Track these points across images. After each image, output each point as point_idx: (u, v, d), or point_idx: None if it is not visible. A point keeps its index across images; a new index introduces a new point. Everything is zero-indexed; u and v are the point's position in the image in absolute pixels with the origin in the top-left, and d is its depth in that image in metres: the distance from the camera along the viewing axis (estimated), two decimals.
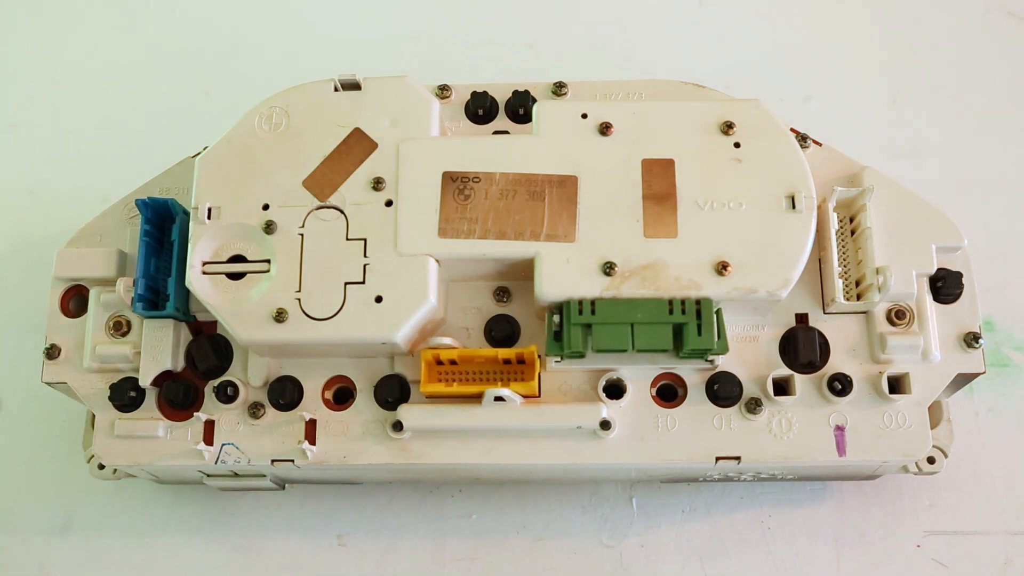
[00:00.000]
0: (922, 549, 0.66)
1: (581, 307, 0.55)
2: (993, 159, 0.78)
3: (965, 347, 0.58)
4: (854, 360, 0.59)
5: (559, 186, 0.57)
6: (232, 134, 0.59)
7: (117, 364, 0.60)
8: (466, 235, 0.57)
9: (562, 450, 0.58)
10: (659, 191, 0.57)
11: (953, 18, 0.83)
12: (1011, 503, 0.67)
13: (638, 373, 0.58)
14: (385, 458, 0.58)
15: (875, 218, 0.58)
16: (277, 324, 0.56)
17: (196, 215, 0.58)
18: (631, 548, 0.67)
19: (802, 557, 0.66)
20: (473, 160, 0.58)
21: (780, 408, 0.58)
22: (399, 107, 0.59)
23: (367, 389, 0.59)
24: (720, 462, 0.57)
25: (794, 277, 0.55)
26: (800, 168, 0.57)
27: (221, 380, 0.60)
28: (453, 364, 0.57)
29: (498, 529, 0.68)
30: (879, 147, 0.78)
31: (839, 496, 0.68)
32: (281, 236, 0.57)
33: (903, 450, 0.57)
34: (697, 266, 0.55)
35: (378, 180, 0.58)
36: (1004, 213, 0.76)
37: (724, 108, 0.58)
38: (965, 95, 0.80)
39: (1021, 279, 0.74)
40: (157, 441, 0.59)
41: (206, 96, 0.83)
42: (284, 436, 0.59)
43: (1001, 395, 0.70)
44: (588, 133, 0.58)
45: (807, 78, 0.81)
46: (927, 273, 0.58)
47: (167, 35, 0.86)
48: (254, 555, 0.68)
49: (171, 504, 0.69)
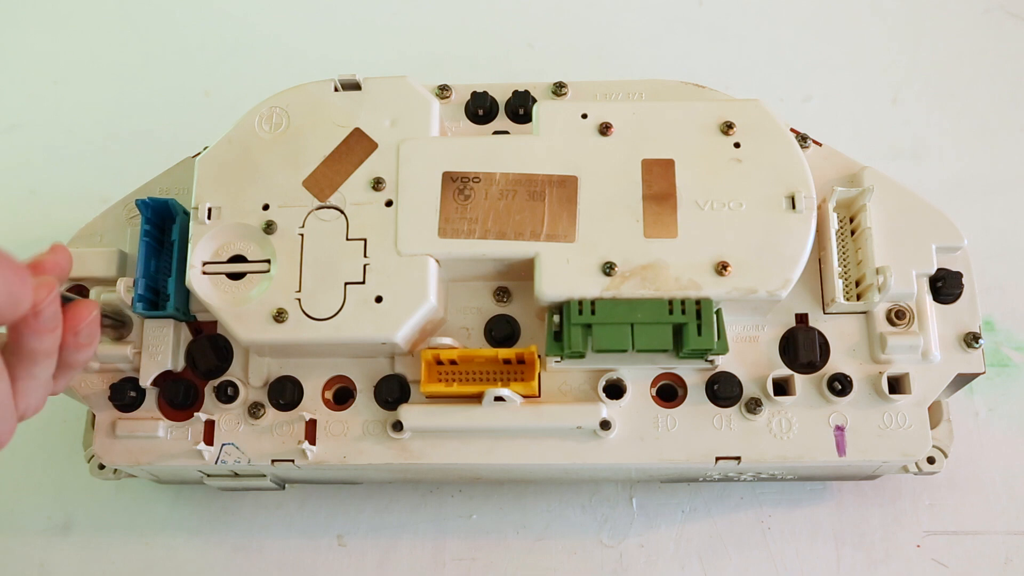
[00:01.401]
0: (922, 549, 0.66)
1: (581, 307, 0.55)
2: (993, 159, 0.78)
3: (965, 347, 0.58)
4: (854, 360, 0.58)
5: (559, 186, 0.57)
6: (232, 134, 0.59)
7: (117, 364, 0.60)
8: (466, 235, 0.57)
9: (562, 450, 0.57)
10: (659, 191, 0.57)
11: (953, 18, 0.83)
12: (1011, 503, 0.67)
13: (638, 373, 0.58)
14: (385, 458, 0.58)
15: (875, 218, 0.58)
16: (277, 324, 0.56)
17: (196, 215, 0.58)
18: (631, 548, 0.67)
19: (802, 557, 0.66)
20: (473, 160, 0.58)
21: (780, 408, 0.58)
22: (399, 107, 0.59)
23: (367, 389, 0.59)
24: (720, 462, 0.57)
25: (794, 277, 0.55)
26: (800, 168, 0.57)
27: (221, 380, 0.60)
28: (453, 364, 0.57)
29: (498, 529, 0.68)
30: (879, 147, 0.78)
31: (839, 496, 0.68)
32: (281, 236, 0.57)
33: (903, 450, 0.57)
34: (697, 266, 0.55)
35: (378, 180, 0.58)
36: (1004, 213, 0.76)
37: (724, 108, 0.58)
38: (965, 95, 0.80)
39: (1021, 279, 0.74)
40: (157, 441, 0.59)
41: (206, 96, 0.83)
42: (284, 436, 0.59)
43: (1001, 395, 0.70)
44: (588, 133, 0.58)
45: (807, 78, 0.82)
46: (927, 273, 0.58)
47: (166, 35, 0.86)
48: (254, 555, 0.68)
49: (171, 504, 0.69)
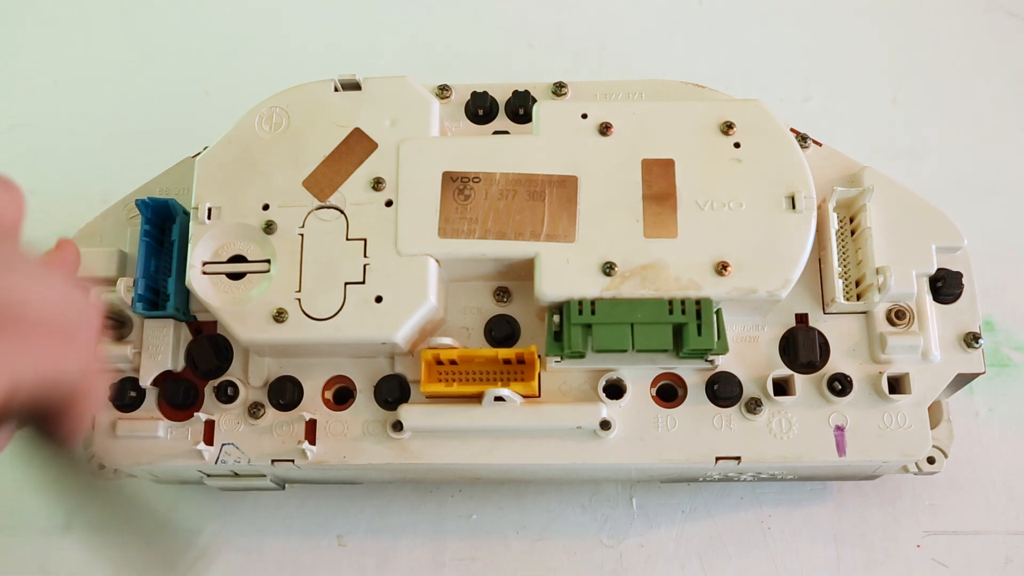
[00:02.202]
0: (922, 549, 0.66)
1: (581, 307, 0.55)
2: (993, 158, 0.78)
3: (965, 347, 0.58)
4: (854, 360, 0.58)
5: (559, 186, 0.57)
6: (232, 134, 0.59)
7: (117, 364, 0.60)
8: (466, 235, 0.57)
9: (562, 450, 0.57)
10: (659, 191, 0.57)
11: (953, 18, 0.83)
12: (1011, 503, 0.67)
13: (638, 373, 0.58)
14: (385, 458, 0.58)
15: (875, 218, 0.58)
16: (277, 324, 0.56)
17: (196, 215, 0.58)
18: (631, 548, 0.67)
19: (802, 557, 0.66)
20: (473, 160, 0.58)
21: (780, 408, 0.58)
22: (399, 107, 0.59)
23: (367, 389, 0.59)
24: (720, 462, 0.57)
25: (794, 277, 0.55)
26: (800, 168, 0.57)
27: (221, 380, 0.59)
28: (453, 364, 0.57)
29: (498, 529, 0.68)
30: (879, 146, 0.78)
31: (839, 496, 0.68)
32: (281, 236, 0.57)
33: (903, 450, 0.57)
34: (697, 266, 0.55)
35: (378, 180, 0.58)
36: (1004, 212, 0.75)
37: (724, 108, 0.58)
38: (965, 94, 0.80)
39: (1021, 279, 0.74)
40: (157, 441, 0.59)
41: (206, 96, 0.83)
42: (284, 436, 0.59)
43: (1001, 395, 0.70)
44: (588, 133, 0.58)
45: (807, 78, 0.81)
46: (927, 273, 0.58)
47: (166, 35, 0.86)
48: (254, 555, 0.68)
49: (171, 504, 0.69)
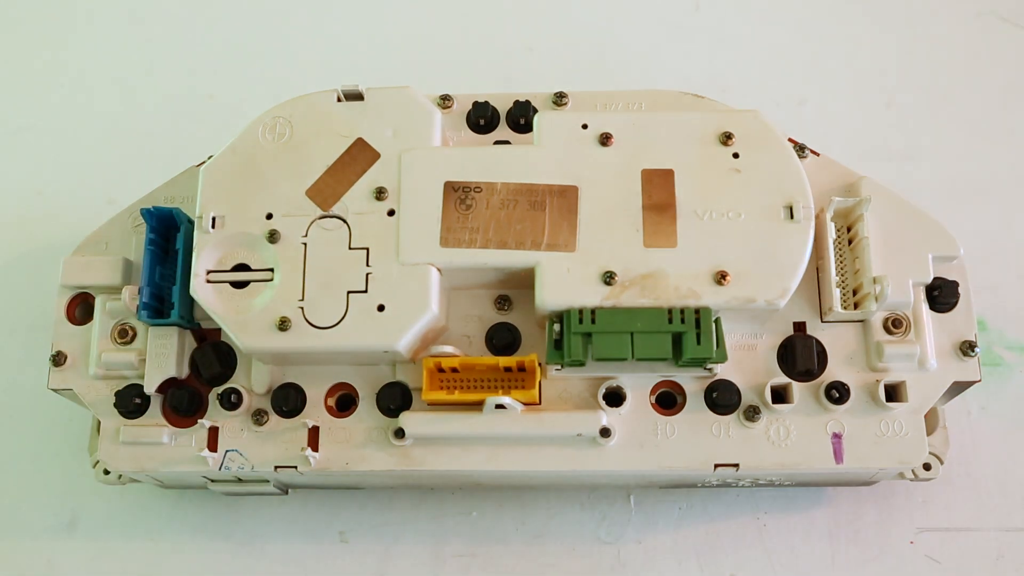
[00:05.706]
0: (915, 546, 0.67)
1: (581, 316, 0.55)
2: (985, 161, 0.78)
3: (961, 355, 0.59)
4: (851, 368, 0.59)
5: (559, 196, 0.57)
6: (236, 144, 0.59)
7: (122, 371, 0.60)
8: (467, 244, 0.57)
9: (562, 457, 0.58)
10: (659, 201, 0.57)
11: (946, 23, 0.83)
12: (1003, 500, 0.68)
13: (638, 381, 0.59)
14: (387, 465, 0.58)
15: (872, 228, 0.58)
16: (280, 332, 0.56)
17: (200, 224, 0.58)
18: (629, 546, 0.68)
19: (797, 554, 0.67)
20: (474, 170, 0.58)
21: (778, 416, 0.58)
22: (401, 117, 0.59)
23: (369, 396, 0.59)
24: (719, 469, 0.58)
25: (792, 286, 0.56)
26: (798, 178, 0.57)
27: (225, 387, 0.60)
28: (455, 372, 0.57)
29: (497, 527, 0.69)
30: (874, 150, 0.78)
31: (833, 494, 0.68)
32: (284, 245, 0.58)
33: (900, 458, 0.58)
34: (696, 275, 0.56)
35: (380, 190, 0.58)
36: (996, 214, 0.76)
37: (723, 119, 0.59)
38: (959, 98, 0.80)
39: (1012, 279, 0.74)
40: (162, 447, 0.60)
41: (210, 100, 0.83)
42: (287, 443, 0.59)
43: (993, 394, 0.71)
44: (588, 143, 0.58)
45: (802, 82, 0.82)
46: (923, 282, 0.59)
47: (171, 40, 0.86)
48: (257, 553, 0.69)
49: (175, 504, 0.70)
